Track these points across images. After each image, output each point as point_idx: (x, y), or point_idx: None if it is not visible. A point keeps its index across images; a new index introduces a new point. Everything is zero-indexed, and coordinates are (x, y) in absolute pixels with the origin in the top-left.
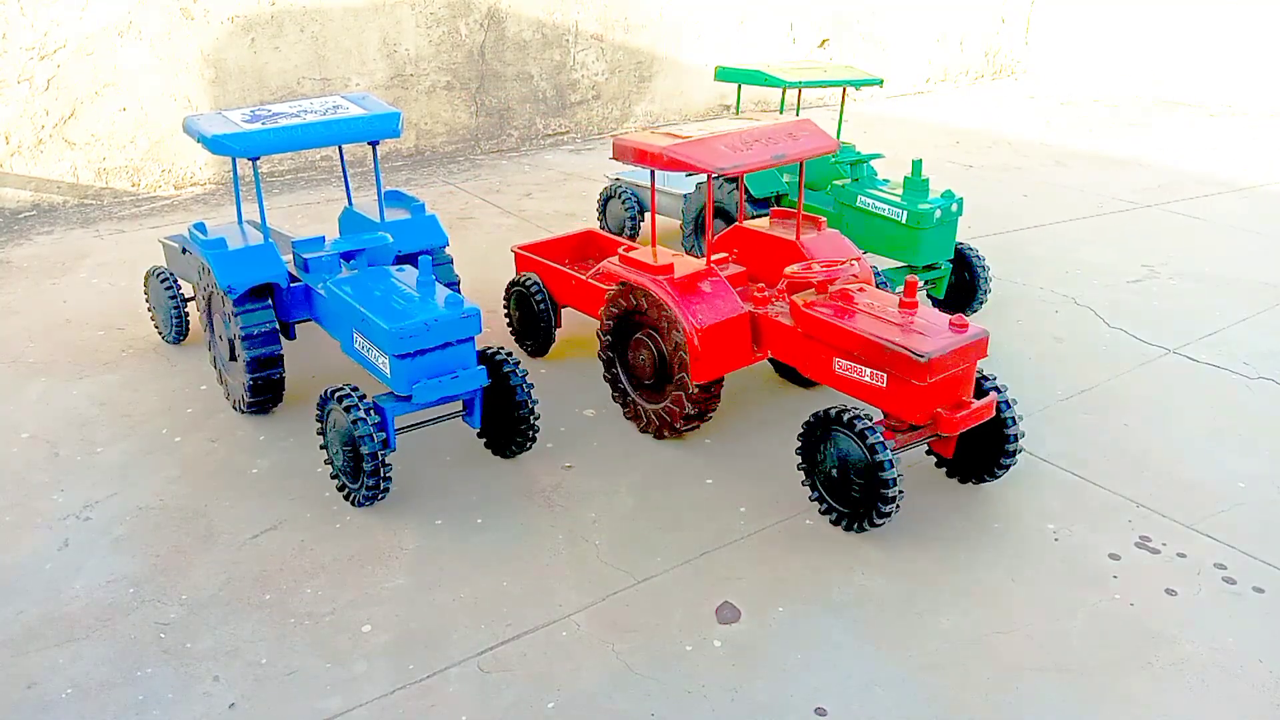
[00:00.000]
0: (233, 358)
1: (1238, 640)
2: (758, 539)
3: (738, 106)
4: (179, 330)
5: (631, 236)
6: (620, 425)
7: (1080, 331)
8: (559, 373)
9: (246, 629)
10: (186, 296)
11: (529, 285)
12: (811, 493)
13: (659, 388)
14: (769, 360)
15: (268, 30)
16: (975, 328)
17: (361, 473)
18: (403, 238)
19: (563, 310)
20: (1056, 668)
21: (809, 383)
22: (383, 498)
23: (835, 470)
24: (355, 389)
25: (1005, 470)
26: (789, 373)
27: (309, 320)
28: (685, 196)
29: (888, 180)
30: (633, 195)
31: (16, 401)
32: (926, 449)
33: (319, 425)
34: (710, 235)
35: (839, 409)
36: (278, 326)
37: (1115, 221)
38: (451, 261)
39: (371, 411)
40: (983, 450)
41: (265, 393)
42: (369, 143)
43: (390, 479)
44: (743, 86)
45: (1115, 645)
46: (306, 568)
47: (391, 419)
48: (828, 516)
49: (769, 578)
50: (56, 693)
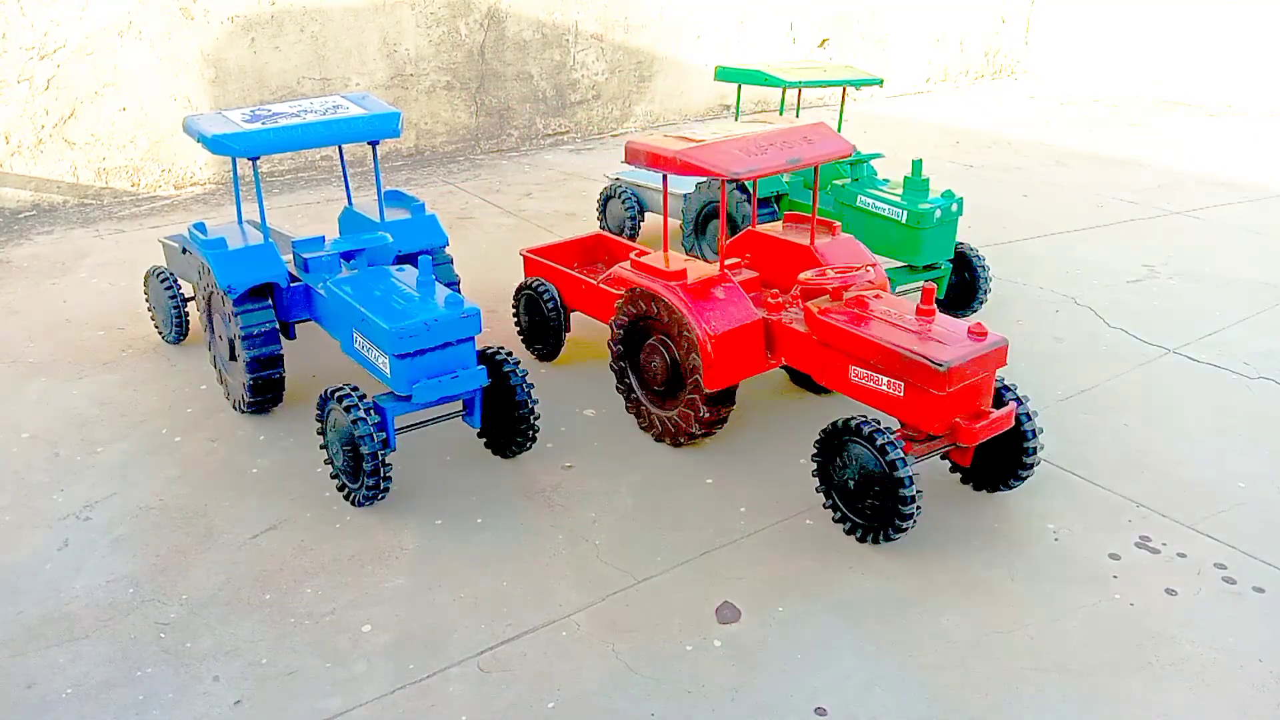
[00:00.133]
0: (233, 358)
1: (1238, 640)
2: (758, 539)
3: (738, 106)
4: (179, 330)
5: (631, 237)
6: (620, 425)
7: (1080, 331)
8: (559, 373)
9: (246, 629)
10: (186, 296)
11: (539, 290)
12: (826, 502)
13: (671, 394)
14: (783, 367)
15: (268, 30)
16: (994, 335)
17: (361, 473)
18: (403, 238)
19: (570, 315)
20: (1056, 668)
21: (823, 389)
22: (383, 498)
23: (852, 482)
24: (355, 389)
25: (1023, 480)
26: (803, 380)
27: (309, 320)
28: (685, 196)
29: (888, 180)
30: (633, 195)
31: (16, 401)
32: (943, 458)
33: (319, 425)
34: (723, 239)
35: (855, 419)
36: (278, 326)
37: (1115, 221)
38: (451, 261)
39: (371, 411)
40: (1001, 459)
41: (265, 393)
42: (369, 143)
43: (390, 479)
44: (743, 86)
45: (1115, 645)
46: (306, 568)
47: (391, 419)
48: (843, 526)
49: (769, 578)
50: (56, 693)
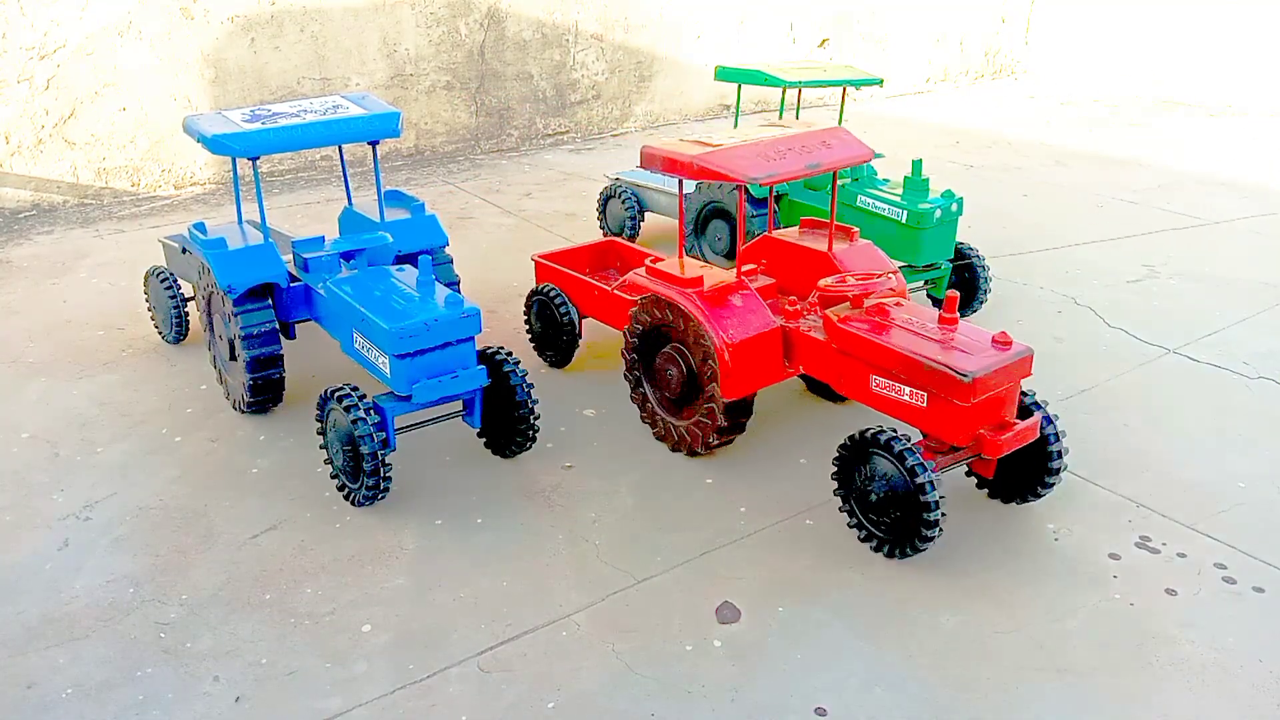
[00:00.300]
0: (233, 358)
1: (1238, 640)
2: (758, 539)
3: (737, 106)
4: (179, 330)
5: (631, 237)
6: (620, 425)
7: (1080, 331)
8: (560, 373)
9: (246, 629)
10: (186, 296)
11: (552, 296)
12: (849, 519)
13: (687, 403)
14: (800, 376)
15: (268, 30)
16: (1019, 345)
17: (361, 473)
18: (403, 238)
19: (582, 321)
20: (1056, 668)
21: (841, 398)
22: (383, 498)
23: (873, 495)
24: (355, 389)
25: (1048, 491)
26: (820, 388)
27: (309, 320)
28: (685, 196)
29: (888, 180)
30: (633, 195)
31: (16, 401)
32: (966, 469)
33: (319, 425)
34: (741, 246)
35: (876, 430)
36: (278, 326)
37: (1115, 222)
38: (451, 261)
39: (371, 411)
40: (1024, 470)
41: (265, 393)
42: (369, 143)
43: (390, 479)
44: (743, 86)
45: (1115, 645)
46: (306, 568)
47: (391, 419)
48: (868, 544)
49: (769, 578)
50: (56, 693)
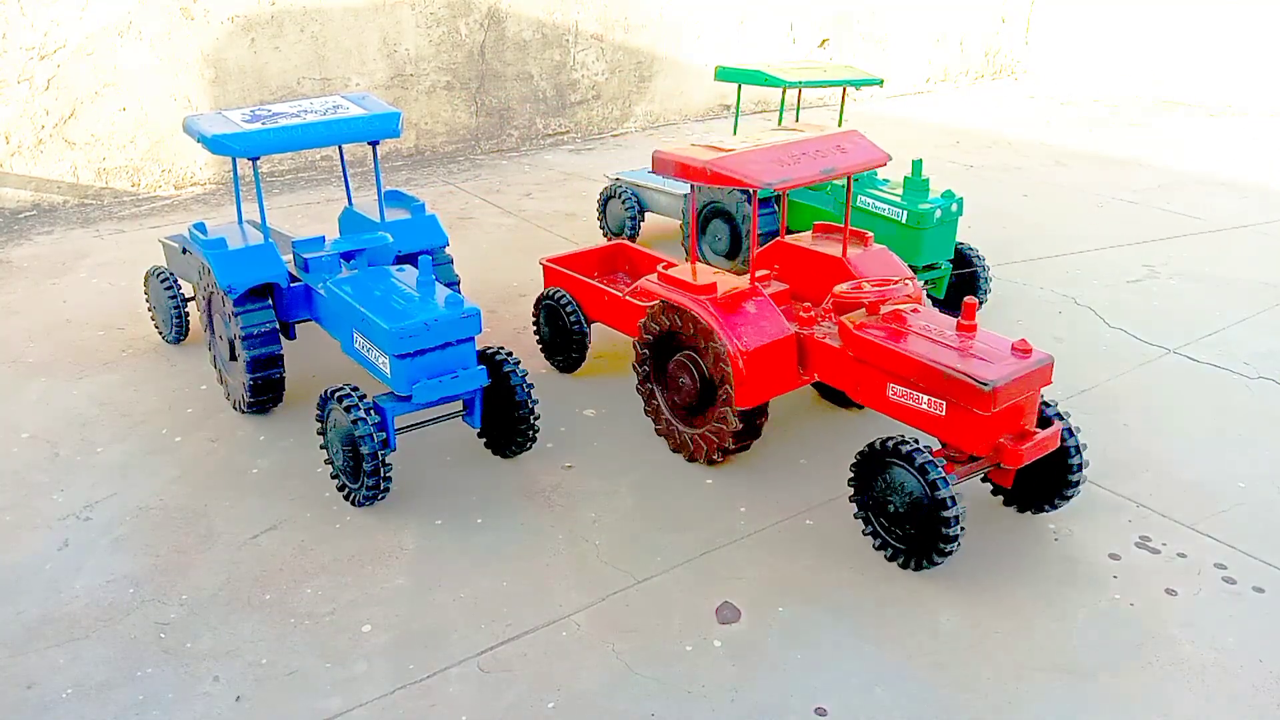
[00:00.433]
0: (233, 358)
1: (1238, 640)
2: (758, 539)
3: (737, 106)
4: (179, 330)
5: (631, 238)
6: (620, 425)
7: (1080, 331)
8: (560, 374)
9: (246, 629)
10: (186, 296)
11: (561, 301)
12: (865, 528)
13: (700, 411)
14: (813, 383)
15: (268, 30)
16: (1039, 353)
17: (361, 473)
18: (403, 238)
19: (590, 326)
20: (1056, 668)
21: (855, 405)
22: (383, 498)
23: (891, 506)
24: (355, 389)
25: (1067, 502)
26: (833, 394)
27: (309, 320)
28: (685, 196)
29: (888, 180)
30: (633, 195)
31: (16, 401)
32: (984, 479)
33: (319, 425)
34: (754, 252)
35: (894, 440)
36: (278, 326)
37: (1115, 222)
38: (451, 261)
39: (371, 411)
40: (1044, 480)
41: (265, 393)
42: (369, 143)
43: (390, 479)
44: (743, 86)
45: (1115, 645)
46: (306, 568)
47: (391, 419)
48: (884, 553)
49: (769, 578)
50: (56, 693)
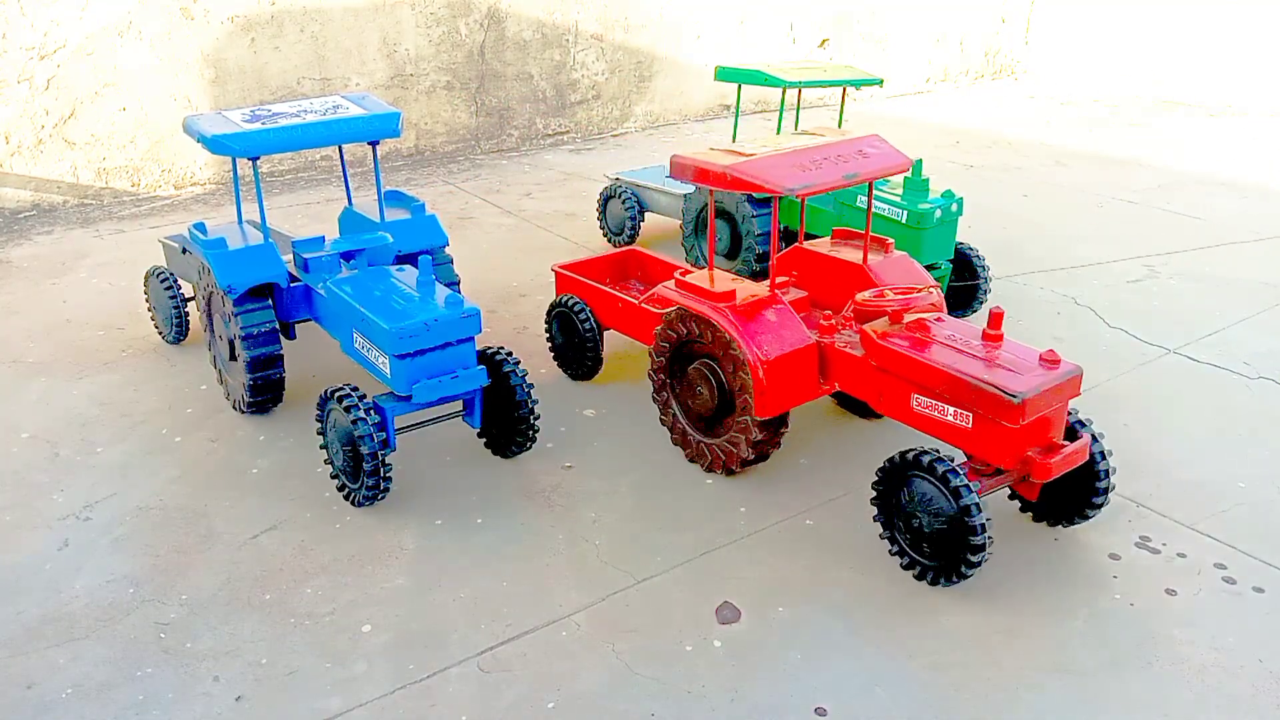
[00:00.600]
0: (233, 358)
1: (1238, 640)
2: (758, 539)
3: (737, 106)
4: (179, 330)
5: (631, 238)
6: (620, 425)
7: (1080, 331)
8: (560, 373)
9: (246, 629)
10: (186, 296)
11: (574, 308)
12: (890, 546)
13: (718, 421)
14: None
15: (268, 30)
16: (1068, 364)
17: (361, 473)
18: (403, 238)
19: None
20: (1056, 668)
21: (874, 414)
22: (383, 498)
23: (916, 520)
24: (355, 389)
25: (1094, 514)
26: (851, 403)
27: (309, 320)
28: (686, 196)
29: (888, 180)
30: (633, 195)
31: (16, 401)
32: (1009, 492)
33: (319, 425)
34: (775, 257)
35: (918, 452)
36: (278, 326)
37: (1115, 221)
38: (451, 261)
39: (371, 411)
40: (1069, 493)
41: (265, 393)
42: (369, 143)
43: (390, 479)
44: (743, 86)
45: (1115, 645)
46: (306, 568)
47: (391, 419)
48: (911, 571)
49: (769, 578)
50: (56, 693)
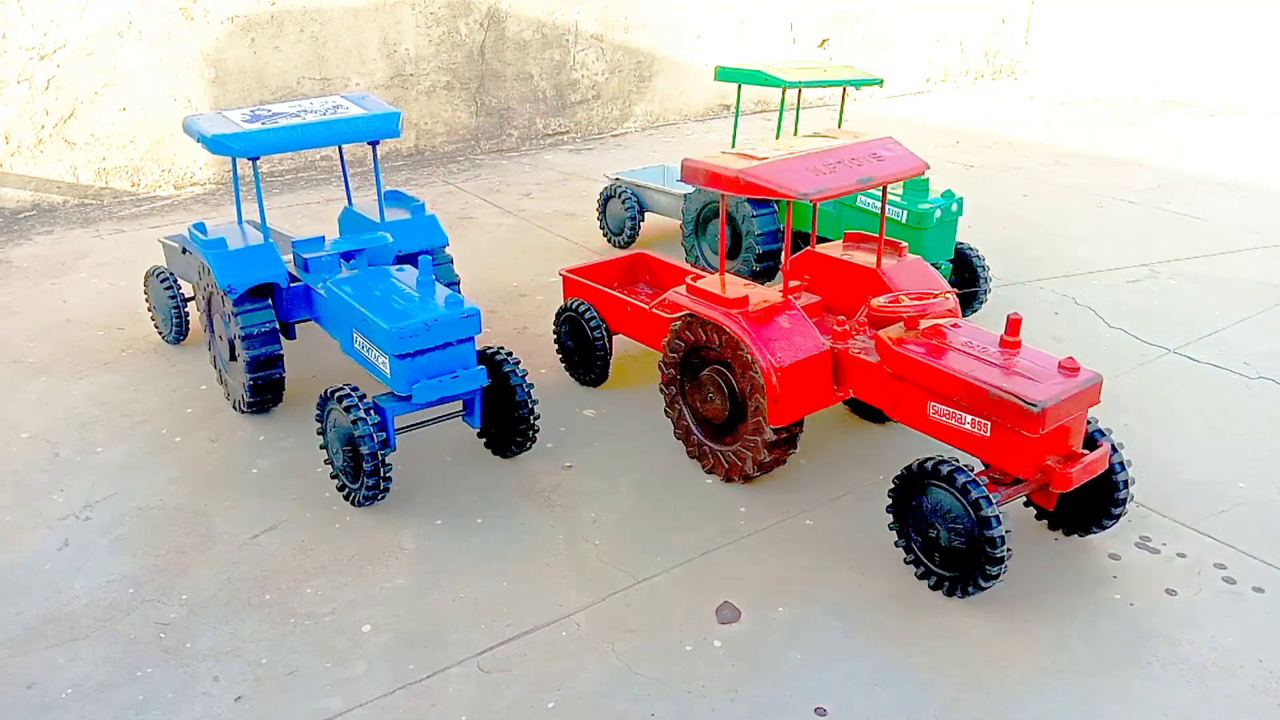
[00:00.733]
0: (233, 358)
1: (1238, 640)
2: (758, 539)
3: (737, 106)
4: (179, 330)
5: (631, 238)
6: (620, 425)
7: (1080, 331)
8: (560, 373)
9: (246, 629)
10: (186, 296)
11: (583, 313)
12: (906, 555)
13: (730, 428)
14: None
15: (268, 30)
16: (1088, 371)
17: (361, 473)
18: (403, 238)
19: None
20: (1056, 668)
21: (887, 420)
22: (383, 498)
23: (934, 530)
24: (355, 389)
25: (1113, 524)
26: (863, 409)
27: (309, 320)
28: (685, 197)
29: None
30: (633, 195)
31: (16, 401)
32: (1026, 500)
33: (319, 425)
34: (787, 261)
35: (937, 461)
36: (278, 326)
37: (1115, 221)
38: (451, 261)
39: (371, 411)
40: (1087, 502)
41: (265, 393)
42: (369, 143)
43: (390, 479)
44: (743, 86)
45: (1115, 645)
46: (306, 568)
47: (391, 419)
48: (927, 581)
49: (769, 578)
50: (56, 693)
